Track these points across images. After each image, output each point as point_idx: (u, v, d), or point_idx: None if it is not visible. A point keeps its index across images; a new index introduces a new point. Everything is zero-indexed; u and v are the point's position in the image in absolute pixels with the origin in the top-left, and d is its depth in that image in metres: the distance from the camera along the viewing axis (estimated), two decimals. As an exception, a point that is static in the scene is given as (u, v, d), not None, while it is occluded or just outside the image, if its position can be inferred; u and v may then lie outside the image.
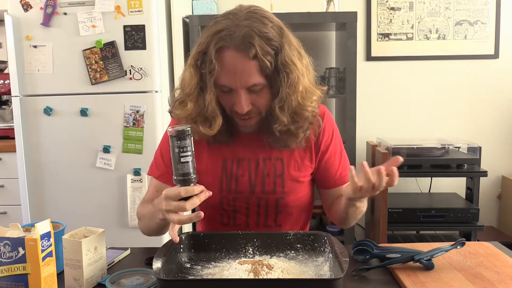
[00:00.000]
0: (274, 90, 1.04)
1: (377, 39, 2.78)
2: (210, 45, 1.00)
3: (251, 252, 1.05)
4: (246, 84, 1.01)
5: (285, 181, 1.16)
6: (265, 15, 1.03)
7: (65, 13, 2.08)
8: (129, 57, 2.08)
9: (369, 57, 2.79)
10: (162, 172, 1.19)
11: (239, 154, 1.17)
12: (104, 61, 2.08)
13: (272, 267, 0.92)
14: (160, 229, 1.11)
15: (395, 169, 0.96)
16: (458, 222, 2.38)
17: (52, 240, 0.88)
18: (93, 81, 2.10)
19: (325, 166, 1.21)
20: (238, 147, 1.17)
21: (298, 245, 1.06)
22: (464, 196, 2.62)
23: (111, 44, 2.07)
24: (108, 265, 1.05)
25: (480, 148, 2.42)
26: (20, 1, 2.10)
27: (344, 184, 1.20)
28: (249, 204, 1.17)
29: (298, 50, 1.07)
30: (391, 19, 2.76)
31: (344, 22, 2.35)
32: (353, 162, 2.42)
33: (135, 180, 2.13)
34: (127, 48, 2.08)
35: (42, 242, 0.85)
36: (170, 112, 1.17)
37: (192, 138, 0.92)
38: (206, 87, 1.04)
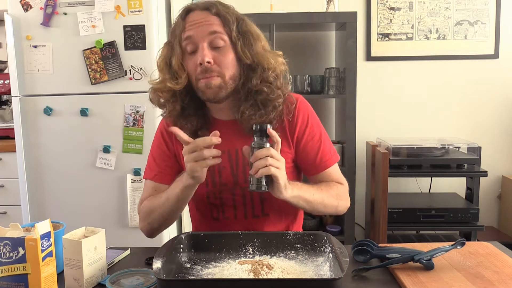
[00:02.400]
0: (239, 53, 1.11)
1: (377, 39, 2.78)
2: (179, 15, 1.14)
3: (251, 252, 1.05)
4: (208, 30, 1.08)
5: None
6: (230, 5, 1.16)
7: (65, 13, 2.08)
8: (129, 57, 2.08)
9: (369, 57, 2.79)
10: (155, 173, 1.24)
11: (218, 146, 1.16)
12: (104, 61, 2.08)
13: (272, 267, 0.92)
14: (176, 210, 1.15)
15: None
16: (458, 222, 2.38)
17: (52, 240, 0.88)
18: (93, 81, 2.10)
19: (304, 151, 1.22)
20: None
21: (298, 245, 1.06)
22: (464, 196, 2.62)
23: (111, 44, 2.07)
24: (108, 265, 1.05)
25: (480, 148, 2.42)
26: (20, 1, 2.10)
27: (326, 168, 1.23)
28: (235, 195, 1.20)
29: (256, 31, 1.16)
30: (391, 19, 2.76)
31: (344, 22, 2.35)
32: (353, 162, 2.43)
33: (135, 180, 2.13)
34: (127, 48, 2.08)
35: (42, 242, 0.85)
36: (150, 96, 1.22)
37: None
38: (173, 53, 1.13)
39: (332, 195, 1.19)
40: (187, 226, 2.43)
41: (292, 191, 1.08)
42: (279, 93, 1.15)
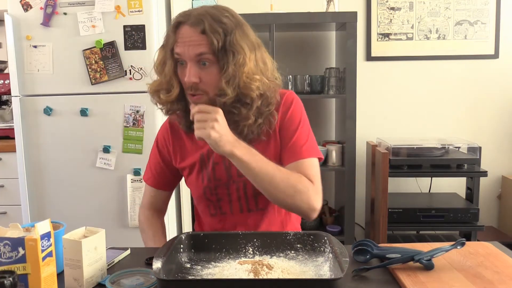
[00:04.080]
0: (222, 71, 1.11)
1: (377, 39, 2.78)
2: (172, 24, 1.15)
3: (251, 252, 1.05)
4: (194, 52, 1.10)
5: None
6: (227, 9, 1.16)
7: (65, 13, 2.08)
8: (129, 57, 2.08)
9: (369, 57, 2.79)
10: (149, 176, 1.35)
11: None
12: (104, 61, 2.08)
13: (272, 267, 0.92)
14: None
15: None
16: (458, 222, 2.38)
17: (52, 240, 0.88)
18: (93, 81, 2.10)
19: (280, 136, 1.22)
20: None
21: (298, 245, 1.06)
22: (464, 196, 2.62)
23: (111, 44, 2.07)
24: (108, 265, 1.05)
25: (480, 148, 2.42)
26: (20, 1, 2.10)
27: (299, 159, 1.17)
28: (230, 189, 1.24)
29: (253, 43, 1.15)
30: (391, 19, 2.76)
31: (344, 22, 2.35)
32: (353, 162, 2.43)
33: (135, 180, 2.13)
34: (127, 48, 2.08)
35: (42, 242, 0.85)
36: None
37: None
38: (166, 60, 1.16)
39: (289, 180, 1.11)
40: (187, 226, 2.43)
41: (232, 149, 1.06)
42: (249, 116, 1.14)
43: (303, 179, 1.13)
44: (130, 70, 2.09)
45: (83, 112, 2.12)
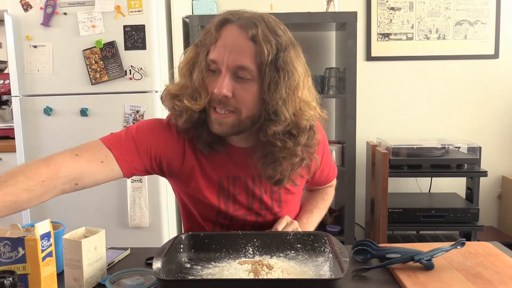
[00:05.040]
0: (265, 91, 0.94)
1: (377, 39, 2.78)
2: (216, 20, 0.98)
3: (251, 252, 1.05)
4: (234, 62, 0.93)
5: (281, 195, 1.16)
6: (281, 23, 0.99)
7: (65, 13, 2.08)
8: (129, 57, 2.08)
9: (369, 57, 2.79)
10: (115, 144, 1.06)
11: (234, 172, 1.10)
12: (104, 61, 2.08)
13: (272, 267, 0.92)
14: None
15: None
16: (458, 222, 2.38)
17: (52, 240, 0.88)
18: (93, 81, 2.10)
19: (317, 175, 1.27)
20: (232, 165, 1.10)
21: (298, 245, 1.06)
22: (464, 196, 2.62)
23: (111, 44, 2.07)
24: (108, 265, 1.05)
25: (480, 148, 2.42)
26: (20, 1, 2.10)
27: (325, 185, 1.40)
28: (246, 220, 1.15)
29: (306, 68, 1.01)
30: (391, 19, 2.76)
31: (344, 22, 2.35)
32: (353, 162, 2.43)
33: (135, 180, 2.13)
34: (127, 48, 2.08)
35: (42, 242, 0.85)
36: (161, 97, 1.08)
37: None
38: (197, 62, 0.98)
39: (328, 201, 1.38)
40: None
41: (308, 226, 1.24)
42: (297, 152, 0.99)
43: (329, 192, 1.41)
44: (130, 70, 2.09)
45: (83, 112, 2.12)
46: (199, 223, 1.20)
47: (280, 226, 1.11)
